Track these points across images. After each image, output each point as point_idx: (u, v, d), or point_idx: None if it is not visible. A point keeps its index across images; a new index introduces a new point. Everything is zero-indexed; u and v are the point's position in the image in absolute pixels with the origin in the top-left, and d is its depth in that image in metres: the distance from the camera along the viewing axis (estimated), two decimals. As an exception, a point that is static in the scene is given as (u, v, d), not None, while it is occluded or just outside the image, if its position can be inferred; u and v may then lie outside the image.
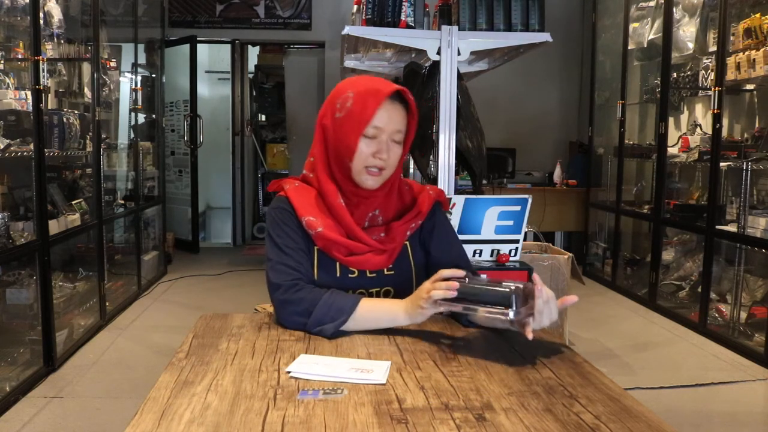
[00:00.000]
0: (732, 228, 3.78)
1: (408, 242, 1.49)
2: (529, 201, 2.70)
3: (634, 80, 5.18)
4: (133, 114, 5.06)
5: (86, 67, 4.00)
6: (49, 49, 3.48)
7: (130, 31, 5.00)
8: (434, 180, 2.81)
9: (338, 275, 1.43)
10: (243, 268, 5.78)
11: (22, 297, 3.16)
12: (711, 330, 3.88)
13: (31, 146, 2.99)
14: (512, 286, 1.19)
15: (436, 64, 2.73)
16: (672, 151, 4.51)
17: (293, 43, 6.80)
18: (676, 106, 4.78)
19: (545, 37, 2.70)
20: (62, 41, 3.67)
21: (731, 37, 3.71)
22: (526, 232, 2.76)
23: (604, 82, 5.65)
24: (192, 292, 4.96)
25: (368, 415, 0.93)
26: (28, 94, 3.04)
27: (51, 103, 3.68)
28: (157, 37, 5.57)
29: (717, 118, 3.77)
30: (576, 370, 1.14)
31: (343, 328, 1.31)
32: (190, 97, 6.28)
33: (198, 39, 6.31)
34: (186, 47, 6.23)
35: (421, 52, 2.91)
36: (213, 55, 7.57)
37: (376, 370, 1.09)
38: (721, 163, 3.81)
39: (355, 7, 3.00)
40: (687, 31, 4.32)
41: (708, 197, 3.93)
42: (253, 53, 7.46)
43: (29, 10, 2.97)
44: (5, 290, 3.15)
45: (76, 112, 3.73)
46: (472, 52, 2.80)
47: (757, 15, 3.57)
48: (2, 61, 3.17)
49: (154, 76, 5.48)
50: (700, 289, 4.02)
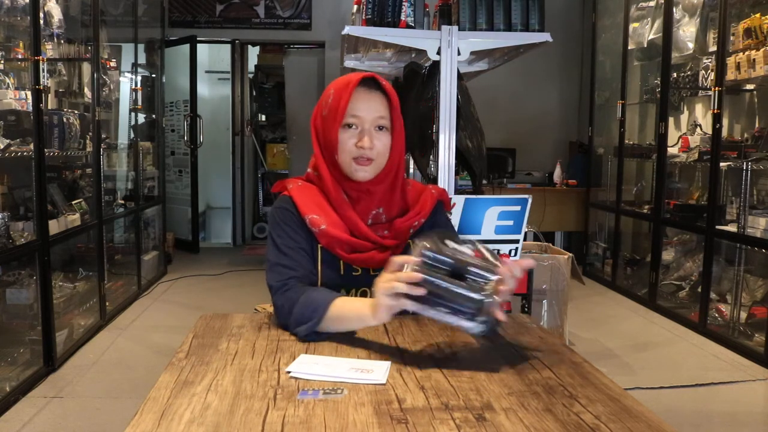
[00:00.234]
0: (732, 228, 3.78)
1: (411, 241, 1.48)
2: (529, 201, 2.70)
3: (634, 80, 5.18)
4: (133, 114, 5.06)
5: (86, 67, 4.00)
6: (49, 49, 3.48)
7: (130, 31, 5.00)
8: (434, 180, 2.81)
9: (342, 273, 1.43)
10: (243, 268, 5.78)
11: (22, 297, 3.16)
12: (711, 330, 3.88)
13: (31, 146, 3.00)
14: (488, 296, 1.10)
15: (436, 64, 2.72)
16: (672, 151, 4.51)
17: (293, 43, 6.80)
18: (676, 106, 4.78)
19: (545, 37, 2.70)
20: (62, 41, 3.67)
21: (731, 37, 3.71)
22: (526, 232, 2.76)
23: (604, 82, 5.65)
24: (192, 292, 4.96)
25: (368, 415, 0.93)
26: (28, 94, 3.04)
27: (51, 103, 3.68)
28: (157, 37, 5.57)
29: (717, 118, 3.77)
30: (576, 370, 1.14)
31: (319, 329, 1.26)
32: (190, 97, 6.28)
33: (198, 39, 6.31)
34: (186, 47, 6.23)
35: (421, 52, 2.91)
36: (213, 55, 7.56)
37: (376, 370, 1.09)
38: (721, 163, 3.81)
39: (355, 7, 3.00)
40: (687, 31, 4.32)
41: (708, 197, 3.93)
42: (253, 53, 7.46)
43: (29, 10, 2.97)
44: (5, 290, 3.15)
45: (76, 112, 3.73)
46: (472, 52, 2.80)
47: (757, 15, 3.57)
48: (2, 61, 3.17)
49: (154, 76, 5.48)
50: (700, 289, 4.02)
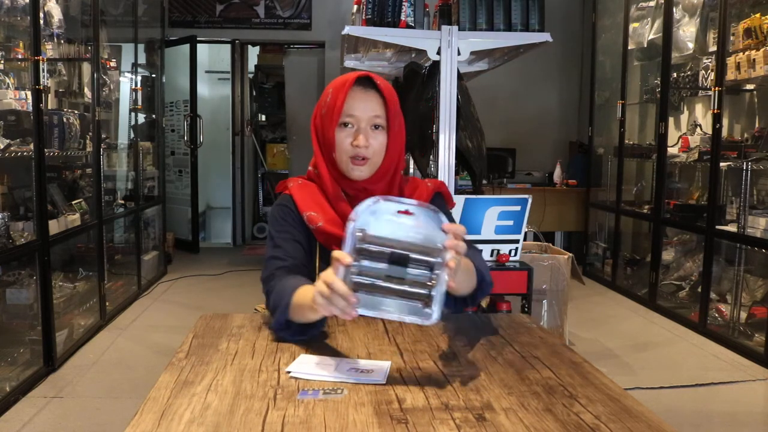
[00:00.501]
0: (732, 228, 3.78)
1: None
2: (529, 201, 2.70)
3: (634, 80, 5.18)
4: (133, 114, 5.06)
5: (86, 67, 4.00)
6: (49, 49, 3.48)
7: (130, 31, 5.00)
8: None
9: None
10: (243, 268, 5.78)
11: (22, 297, 3.16)
12: (711, 330, 3.88)
13: (31, 146, 3.00)
14: (434, 285, 1.04)
15: (436, 64, 2.73)
16: (672, 151, 4.51)
17: (293, 43, 6.80)
18: (676, 106, 4.78)
19: (545, 37, 2.70)
20: (62, 41, 3.67)
21: (731, 37, 3.71)
22: (526, 232, 2.76)
23: (604, 82, 5.65)
24: (192, 292, 4.96)
25: (368, 415, 0.93)
26: (28, 94, 3.04)
27: (51, 103, 3.68)
28: (157, 37, 5.57)
29: (717, 118, 3.77)
30: (576, 370, 1.14)
31: (290, 317, 1.24)
32: (190, 97, 6.28)
33: (198, 39, 6.31)
34: (186, 47, 6.22)
35: (421, 52, 2.91)
36: (213, 55, 7.57)
37: (376, 370, 1.09)
38: (721, 163, 3.81)
39: (355, 7, 3.00)
40: (687, 31, 4.32)
41: (708, 197, 3.93)
42: (253, 53, 7.45)
43: (29, 10, 2.96)
44: (5, 290, 3.15)
45: (76, 112, 3.73)
46: (472, 52, 2.80)
47: (757, 15, 3.56)
48: (2, 61, 3.17)
49: (154, 76, 5.48)
50: (700, 289, 4.02)
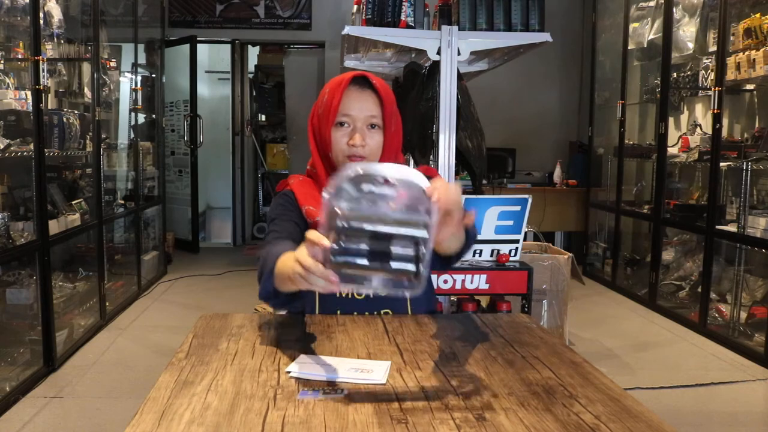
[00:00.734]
0: (732, 228, 3.78)
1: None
2: (529, 201, 2.70)
3: (634, 80, 5.18)
4: (133, 114, 5.06)
5: (86, 67, 4.00)
6: (49, 49, 3.48)
7: (130, 31, 5.00)
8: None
9: None
10: (243, 268, 5.78)
11: (22, 297, 3.16)
12: (711, 330, 3.88)
13: (31, 146, 3.00)
14: (419, 261, 0.92)
15: (436, 64, 2.73)
16: (672, 151, 4.51)
17: (293, 43, 6.81)
18: (676, 106, 4.78)
19: (545, 37, 2.70)
20: (62, 41, 3.67)
21: (731, 37, 3.71)
22: (526, 232, 2.76)
23: (604, 82, 5.65)
24: (192, 292, 4.96)
25: (368, 415, 0.93)
26: (28, 94, 3.04)
27: (51, 103, 3.68)
28: (157, 37, 5.57)
29: (717, 118, 3.77)
30: (576, 370, 1.13)
31: (275, 286, 1.20)
32: (190, 97, 6.28)
33: (198, 39, 6.31)
34: (186, 47, 6.23)
35: (421, 52, 2.91)
36: (213, 55, 7.56)
37: (376, 370, 1.09)
38: (721, 163, 3.81)
39: (355, 7, 3.00)
40: (687, 31, 4.32)
41: (708, 197, 3.93)
42: (253, 53, 7.46)
43: (29, 10, 2.97)
44: (5, 290, 3.15)
45: (76, 112, 3.73)
46: (472, 52, 2.80)
47: (757, 15, 3.56)
48: (2, 61, 3.17)
49: (154, 76, 5.48)
50: (700, 289, 4.02)
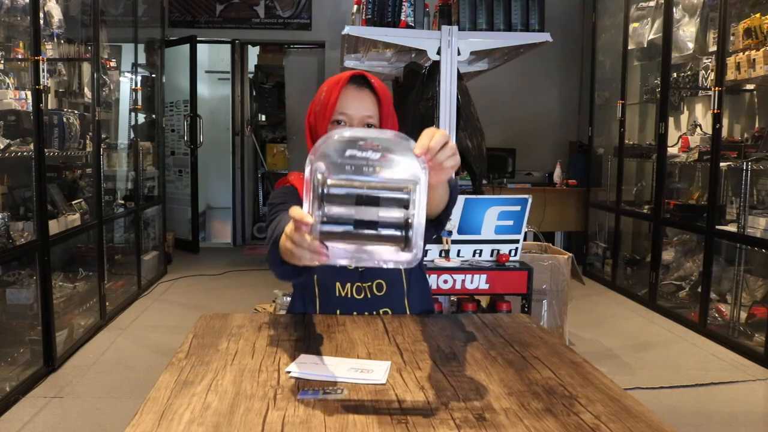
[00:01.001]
0: (732, 228, 3.77)
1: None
2: (529, 201, 2.70)
3: (634, 80, 5.18)
4: (133, 114, 5.06)
5: (86, 67, 4.00)
6: (49, 49, 3.48)
7: (130, 31, 5.00)
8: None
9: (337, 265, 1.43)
10: (243, 268, 5.77)
11: (22, 297, 3.16)
12: (711, 330, 3.88)
13: (31, 146, 3.00)
14: (407, 225, 0.90)
15: (436, 64, 2.73)
16: (672, 151, 4.51)
17: (293, 43, 6.80)
18: (676, 106, 4.78)
19: (545, 37, 2.70)
20: (62, 41, 3.67)
21: (731, 37, 3.71)
22: (526, 232, 2.76)
23: (604, 82, 5.65)
24: (192, 292, 4.96)
25: (368, 415, 0.93)
26: (28, 94, 3.04)
27: (51, 103, 3.68)
28: (157, 37, 5.57)
29: (717, 118, 3.77)
30: (576, 370, 1.14)
31: (282, 257, 1.14)
32: (190, 97, 6.28)
33: (198, 39, 6.31)
34: (186, 47, 6.23)
35: (421, 52, 2.92)
36: (213, 55, 7.57)
37: (376, 370, 1.09)
38: (721, 163, 3.81)
39: (355, 7, 3.00)
40: (687, 31, 4.32)
41: (708, 197, 3.93)
42: (253, 53, 7.45)
43: (29, 10, 2.97)
44: (5, 290, 3.15)
45: (76, 112, 3.73)
46: (472, 52, 2.80)
47: (757, 15, 3.56)
48: (2, 61, 3.17)
49: (154, 76, 5.48)
50: (700, 289, 4.02)
